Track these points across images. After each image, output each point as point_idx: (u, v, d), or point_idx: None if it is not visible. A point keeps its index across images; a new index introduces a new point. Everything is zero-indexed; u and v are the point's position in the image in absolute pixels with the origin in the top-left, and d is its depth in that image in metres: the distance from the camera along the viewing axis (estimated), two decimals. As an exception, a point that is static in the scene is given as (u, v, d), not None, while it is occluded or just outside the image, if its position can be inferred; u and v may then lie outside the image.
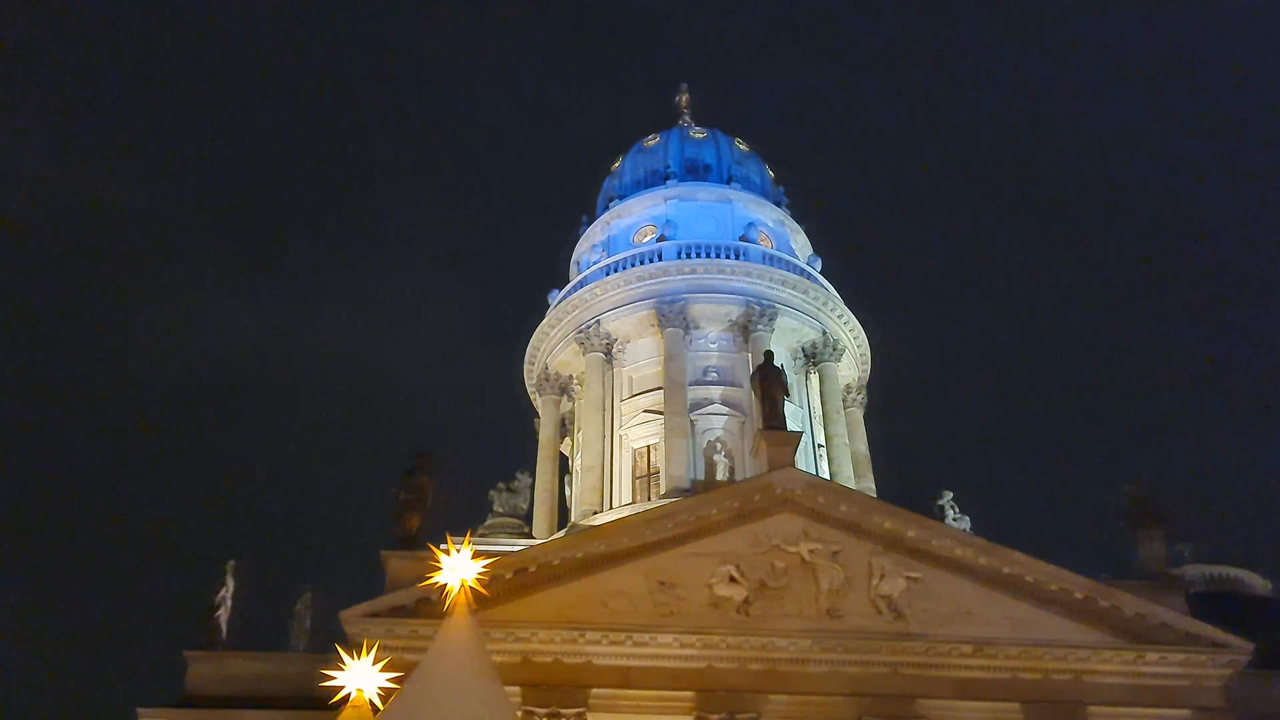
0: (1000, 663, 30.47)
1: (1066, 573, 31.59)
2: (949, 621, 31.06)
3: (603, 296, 50.79)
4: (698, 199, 55.25)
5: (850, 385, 54.11)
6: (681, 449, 45.62)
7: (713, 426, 47.13)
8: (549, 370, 53.09)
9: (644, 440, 48.15)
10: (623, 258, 52.03)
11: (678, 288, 49.74)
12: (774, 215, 56.50)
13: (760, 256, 51.61)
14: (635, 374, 50.01)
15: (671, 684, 29.74)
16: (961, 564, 31.89)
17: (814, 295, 51.47)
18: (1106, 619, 31.24)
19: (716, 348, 49.58)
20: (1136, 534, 33.84)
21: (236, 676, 31.26)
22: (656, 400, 48.08)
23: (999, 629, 31.00)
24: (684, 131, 60.50)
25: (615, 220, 56.11)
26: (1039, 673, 30.47)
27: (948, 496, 44.27)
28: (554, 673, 29.52)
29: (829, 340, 51.37)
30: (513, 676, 29.12)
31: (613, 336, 50.41)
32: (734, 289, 49.95)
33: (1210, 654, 30.78)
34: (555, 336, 52.75)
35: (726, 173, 57.23)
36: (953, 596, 31.50)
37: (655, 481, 46.36)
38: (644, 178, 57.93)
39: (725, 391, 47.89)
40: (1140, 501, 34.13)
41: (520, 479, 42.54)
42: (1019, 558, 31.79)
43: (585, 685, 29.41)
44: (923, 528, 32.25)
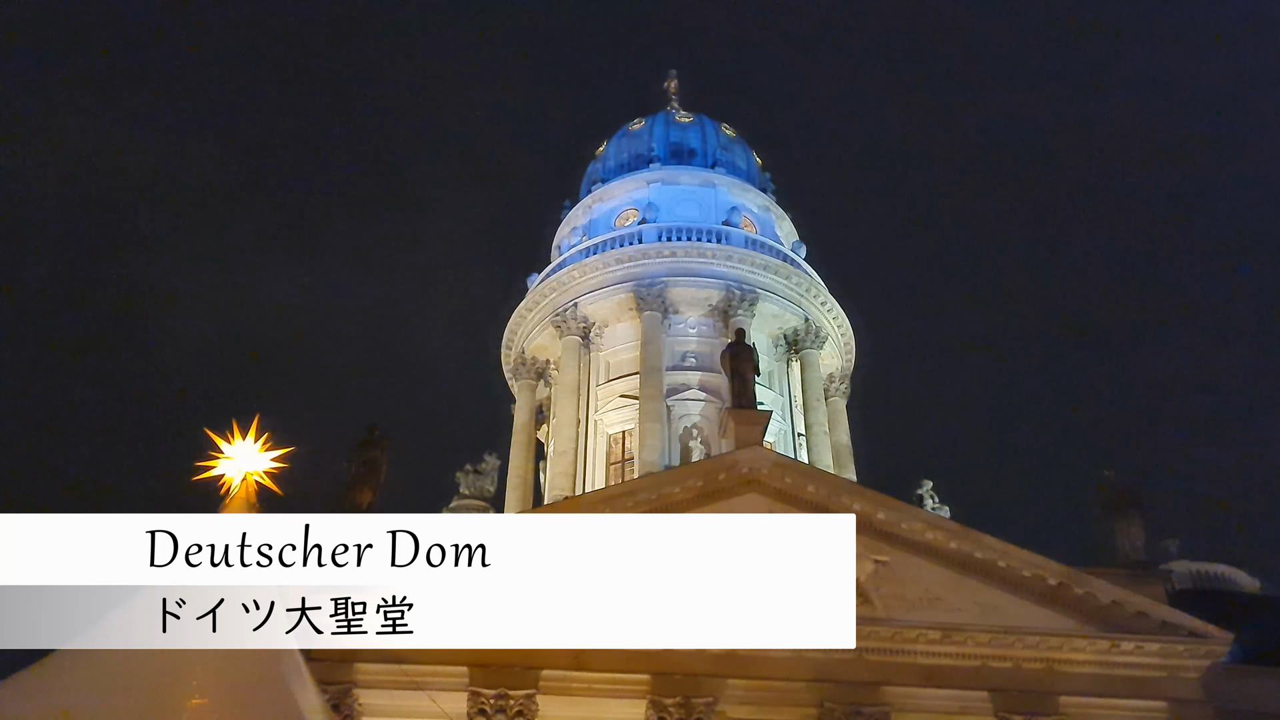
0: (969, 650, 29.33)
1: (1040, 558, 30.46)
2: (917, 606, 29.94)
3: (580, 279, 49.83)
4: (681, 183, 54.27)
5: (834, 375, 53.10)
6: (656, 434, 44.61)
7: (689, 412, 46.13)
8: (525, 354, 52.13)
9: (619, 426, 47.16)
10: (602, 240, 51.10)
11: (657, 271, 48.76)
12: (759, 201, 55.48)
13: (742, 241, 50.60)
14: (613, 358, 49.04)
15: (626, 666, 28.53)
16: (932, 548, 30.77)
17: (796, 281, 50.44)
18: (1081, 606, 30.10)
19: (696, 333, 48.60)
20: (1113, 522, 32.70)
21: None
22: (633, 385, 47.09)
23: (969, 615, 29.87)
24: (670, 116, 59.55)
25: (596, 204, 55.15)
26: (1009, 660, 29.33)
27: (927, 486, 43.19)
28: (503, 653, 28.31)
29: (811, 327, 50.33)
30: (460, 656, 28.08)
31: (590, 320, 49.42)
32: (714, 273, 48.95)
33: (1188, 644, 29.63)
34: (532, 320, 51.81)
35: (711, 157, 56.25)
36: (922, 581, 30.37)
37: (630, 467, 45.30)
38: (628, 161, 56.98)
39: (704, 377, 46.86)
40: (1117, 489, 33.03)
41: (488, 461, 41.48)
42: (991, 542, 30.66)
43: (535, 666, 28.27)
44: (892, 510, 31.13)
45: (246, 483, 9.45)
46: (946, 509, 42.52)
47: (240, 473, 9.41)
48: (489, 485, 41.07)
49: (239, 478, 9.41)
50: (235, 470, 9.43)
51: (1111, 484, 33.63)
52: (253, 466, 9.45)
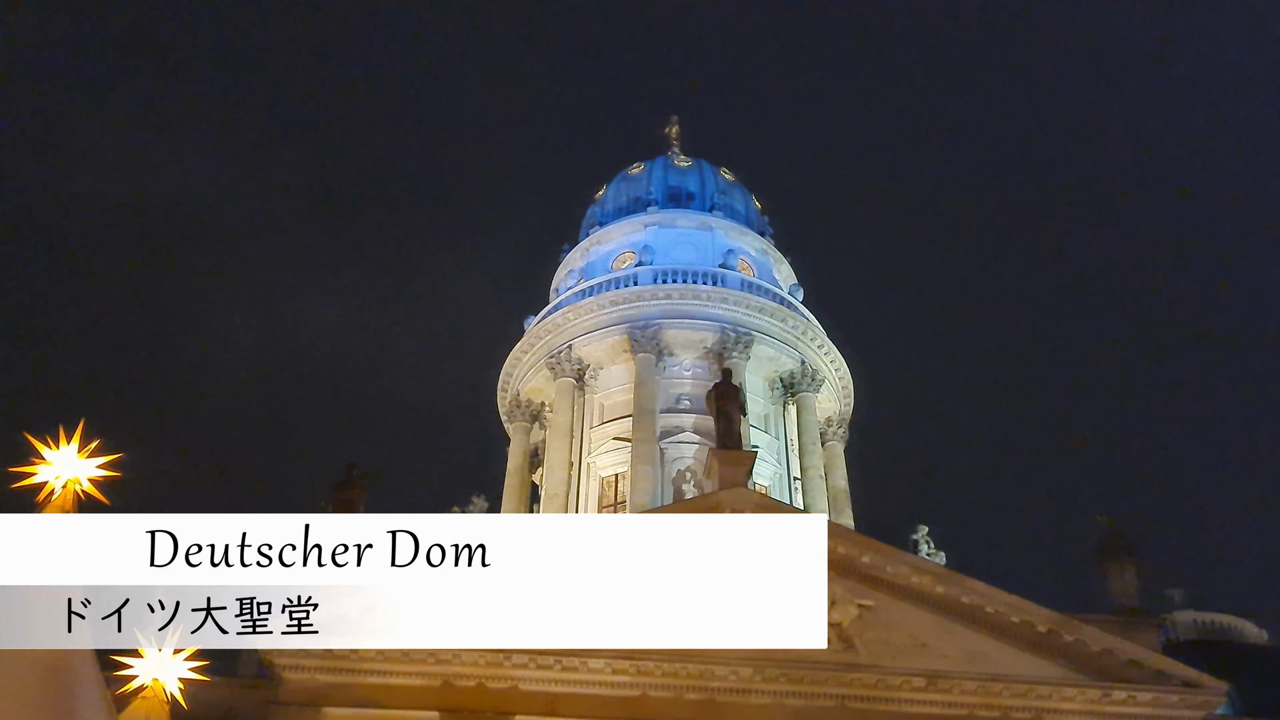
0: (955, 698, 28.53)
1: (1029, 604, 29.68)
2: (902, 653, 29.17)
3: (575, 321, 49.61)
4: (678, 226, 54.16)
5: (831, 419, 52.55)
6: (648, 477, 44.14)
7: (683, 455, 45.67)
8: (520, 397, 51.80)
9: (612, 469, 46.72)
10: (597, 282, 50.93)
11: (651, 313, 48.52)
12: (757, 244, 55.29)
13: (738, 283, 50.34)
14: (606, 400, 48.71)
15: (602, 712, 27.91)
16: (918, 592, 30.03)
17: (793, 324, 50.09)
18: (1071, 654, 29.26)
19: (690, 375, 48.21)
20: (1107, 568, 31.93)
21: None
22: (627, 428, 46.70)
23: (955, 662, 29.08)
24: (669, 160, 59.56)
25: (594, 246, 55.08)
26: (997, 709, 28.49)
27: (923, 531, 42.51)
28: (476, 698, 27.76)
29: (808, 370, 49.88)
30: (431, 700, 27.55)
31: (584, 362, 49.15)
32: (709, 315, 48.66)
33: (1182, 694, 28.73)
34: (527, 362, 51.56)
35: (709, 201, 56.16)
36: (907, 627, 29.62)
37: (622, 510, 44.78)
38: (626, 205, 56.95)
39: (698, 420, 46.28)
40: (1110, 535, 32.30)
41: (476, 503, 41.10)
42: (979, 587, 29.92)
43: (509, 712, 27.64)
44: (877, 553, 30.44)
45: (67, 490, 9.13)
46: (942, 555, 41.80)
47: (60, 480, 9.10)
48: (476, 527, 40.53)
49: (59, 485, 9.10)
50: (55, 477, 9.12)
51: (1104, 529, 32.94)
52: (74, 473, 9.14)
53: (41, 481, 9.07)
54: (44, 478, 9.08)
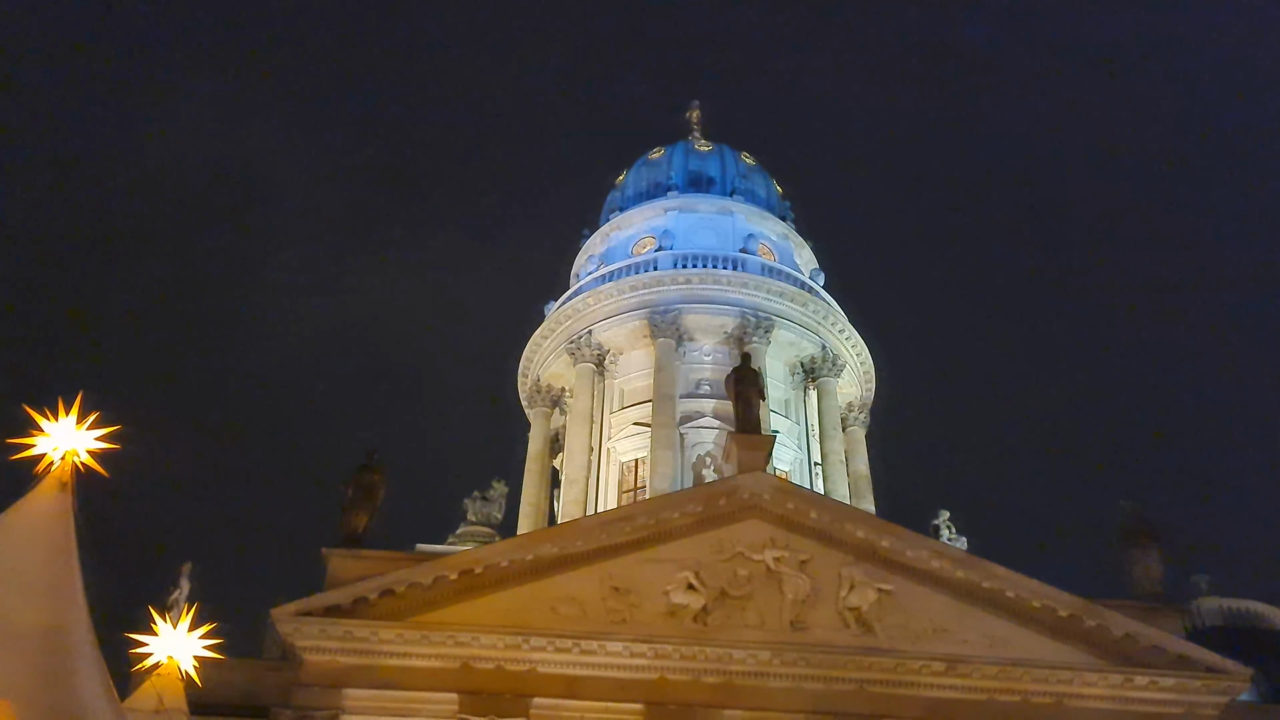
0: (975, 682, 28.34)
1: (1050, 589, 29.44)
2: (921, 637, 29.00)
3: (595, 306, 49.55)
4: (699, 210, 53.95)
5: (853, 404, 52.30)
6: (668, 462, 44.06)
7: (703, 440, 45.53)
8: (541, 382, 51.84)
9: (632, 454, 46.67)
10: (617, 267, 50.85)
11: (671, 298, 48.37)
12: (778, 229, 54.99)
13: (758, 268, 50.12)
14: (626, 386, 48.65)
15: (620, 695, 27.92)
16: (938, 577, 29.86)
17: (814, 309, 49.83)
18: (1093, 639, 29.03)
19: (710, 360, 48.03)
20: (1130, 553, 31.60)
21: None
22: (646, 413, 46.60)
23: (975, 647, 28.88)
24: (689, 145, 59.33)
25: (614, 232, 54.96)
26: (1017, 694, 28.30)
27: (944, 516, 42.34)
28: (495, 680, 27.85)
29: (829, 355, 49.63)
30: (450, 682, 27.67)
31: (604, 347, 49.08)
32: (729, 300, 48.47)
33: (1205, 680, 28.44)
34: (548, 348, 51.56)
35: (730, 185, 55.91)
36: (927, 611, 29.44)
37: (642, 495, 44.67)
38: (646, 190, 56.79)
39: (718, 405, 46.08)
40: (1134, 520, 31.95)
41: (495, 488, 41.18)
42: (1000, 571, 29.70)
43: (527, 694, 27.68)
44: (897, 538, 30.27)
45: (65, 461, 9.13)
46: (964, 540, 41.59)
47: (59, 451, 9.11)
48: (496, 512, 40.72)
49: (58, 456, 9.10)
50: (54, 448, 9.12)
51: (1129, 515, 32.58)
52: (72, 445, 9.14)
53: (40, 453, 9.10)
54: (42, 449, 9.11)
